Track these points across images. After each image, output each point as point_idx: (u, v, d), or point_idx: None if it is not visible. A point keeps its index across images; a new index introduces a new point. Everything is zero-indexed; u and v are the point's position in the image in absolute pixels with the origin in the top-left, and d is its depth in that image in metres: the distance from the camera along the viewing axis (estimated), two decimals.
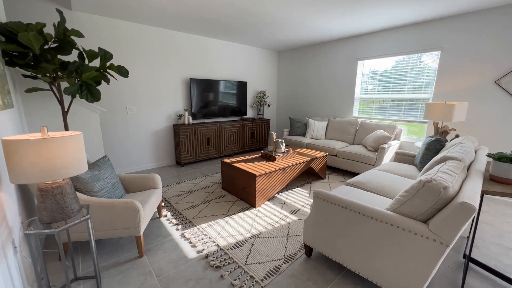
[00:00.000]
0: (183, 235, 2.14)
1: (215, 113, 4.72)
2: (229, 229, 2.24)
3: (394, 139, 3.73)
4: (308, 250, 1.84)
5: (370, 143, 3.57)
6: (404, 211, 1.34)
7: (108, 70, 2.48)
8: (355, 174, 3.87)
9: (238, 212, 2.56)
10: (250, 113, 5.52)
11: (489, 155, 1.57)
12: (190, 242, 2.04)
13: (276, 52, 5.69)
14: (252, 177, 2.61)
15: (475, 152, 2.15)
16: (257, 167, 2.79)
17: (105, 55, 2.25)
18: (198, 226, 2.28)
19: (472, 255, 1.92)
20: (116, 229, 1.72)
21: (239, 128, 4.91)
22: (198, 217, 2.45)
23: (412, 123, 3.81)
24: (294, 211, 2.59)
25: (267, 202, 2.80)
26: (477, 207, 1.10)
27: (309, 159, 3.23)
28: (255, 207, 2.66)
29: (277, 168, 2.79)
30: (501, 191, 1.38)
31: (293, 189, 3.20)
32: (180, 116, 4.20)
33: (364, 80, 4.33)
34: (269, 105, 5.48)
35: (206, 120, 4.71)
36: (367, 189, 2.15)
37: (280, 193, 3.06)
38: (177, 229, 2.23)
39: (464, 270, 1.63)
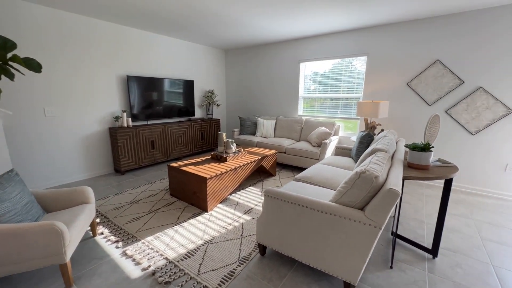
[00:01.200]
0: (124, 253, 1.89)
1: (160, 113, 4.36)
2: (179, 238, 2.08)
3: (334, 135, 4.11)
4: (262, 249, 1.85)
5: (314, 139, 3.85)
6: (345, 201, 1.47)
7: (10, 63, 1.99)
8: (303, 169, 4.12)
9: (189, 219, 2.41)
10: (198, 113, 5.30)
11: (406, 146, 1.86)
12: (134, 260, 1.81)
13: (223, 51, 5.61)
14: (202, 180, 2.50)
15: (396, 143, 2.52)
16: (207, 170, 2.68)
17: (5, 44, 1.79)
18: (143, 240, 2.05)
19: (398, 232, 2.25)
20: (31, 259, 1.39)
21: (188, 129, 4.66)
22: (142, 230, 2.21)
23: (348, 120, 4.27)
24: (248, 211, 2.59)
25: (219, 205, 2.72)
26: (400, 192, 1.28)
27: (260, 157, 3.28)
28: (207, 211, 2.55)
29: (228, 169, 2.73)
30: (416, 175, 1.65)
31: (246, 189, 3.20)
32: (117, 118, 3.73)
33: (307, 80, 4.64)
34: (218, 105, 5.37)
35: (150, 122, 4.31)
36: (314, 183, 2.30)
37: (233, 194, 3.02)
38: (117, 247, 1.96)
39: (393, 245, 1.90)
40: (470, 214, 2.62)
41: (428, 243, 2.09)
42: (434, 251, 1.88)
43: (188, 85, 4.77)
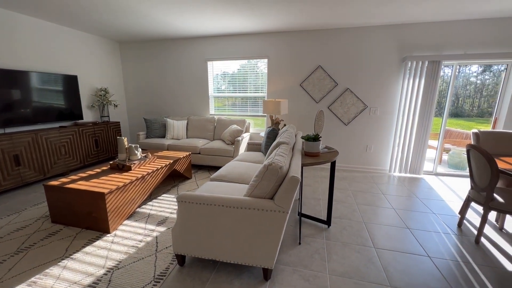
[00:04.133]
0: None
1: (28, 118, 3.30)
2: (70, 275, 1.65)
3: (245, 132, 4.34)
4: (181, 259, 1.73)
5: (227, 137, 3.93)
6: (257, 193, 1.57)
7: None
8: (219, 167, 4.14)
9: (84, 247, 1.95)
10: (89, 116, 4.36)
11: (302, 138, 2.18)
12: None
13: (116, 43, 4.82)
14: (99, 197, 2.07)
15: (295, 136, 2.92)
16: (106, 183, 2.25)
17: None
18: None
19: (302, 211, 2.63)
20: None
21: (74, 136, 3.75)
22: (6, 279, 1.61)
23: (256, 117, 4.60)
24: (162, 222, 2.35)
25: (126, 222, 2.35)
26: (300, 177, 1.48)
27: (172, 161, 3.05)
28: (109, 233, 2.14)
29: (134, 178, 2.39)
30: (311, 162, 1.96)
31: (159, 197, 2.91)
32: None
33: (218, 80, 4.66)
34: (115, 105, 4.59)
35: (10, 130, 3.19)
36: (229, 180, 2.34)
37: (143, 206, 2.68)
38: None
39: (299, 224, 2.20)
40: (349, 186, 3.38)
41: (324, 215, 2.54)
42: (328, 221, 2.31)
43: (71, 82, 3.83)
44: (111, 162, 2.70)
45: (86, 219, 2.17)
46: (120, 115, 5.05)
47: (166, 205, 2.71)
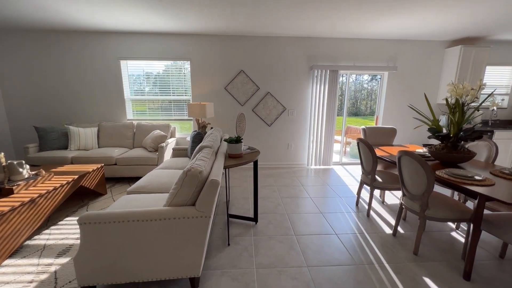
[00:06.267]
0: None
1: None
2: None
3: (170, 137, 4.08)
4: None
5: (150, 143, 3.61)
6: (177, 201, 1.50)
7: None
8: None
9: None
10: None
11: (225, 140, 2.22)
12: None
13: None
14: None
15: (221, 139, 2.95)
16: None
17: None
18: None
19: (230, 212, 2.68)
20: None
21: None
22: None
23: (182, 121, 4.41)
24: (64, 251, 1.95)
25: (8, 261, 1.83)
26: (220, 180, 1.51)
27: (78, 176, 2.56)
28: None
29: (18, 204, 1.89)
30: (234, 163, 2.02)
31: (60, 222, 2.39)
32: None
33: (140, 81, 4.21)
34: None
35: None
36: (150, 191, 2.16)
37: (36, 236, 2.15)
38: None
39: (227, 225, 2.23)
40: (275, 182, 3.67)
41: (251, 213, 2.67)
42: (255, 218, 2.43)
43: None
44: None
45: None
46: None
47: (70, 230, 2.26)
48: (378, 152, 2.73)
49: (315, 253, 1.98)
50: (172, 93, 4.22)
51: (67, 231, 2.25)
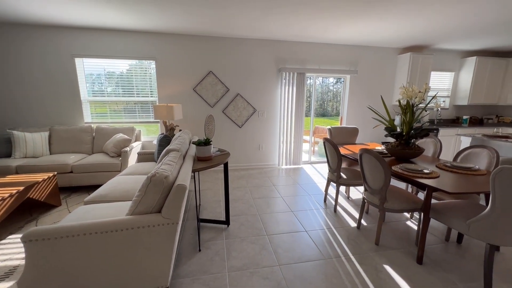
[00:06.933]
0: None
1: None
2: None
3: (135, 141, 3.84)
4: None
5: (111, 148, 3.35)
6: (141, 209, 1.41)
7: None
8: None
9: None
10: None
11: (193, 143, 2.16)
12: None
13: None
14: None
15: (190, 141, 2.86)
16: None
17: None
18: None
19: (201, 216, 2.61)
20: None
21: None
22: None
23: (149, 124, 4.18)
24: (7, 274, 1.70)
25: None
26: (188, 185, 1.45)
27: (23, 188, 2.27)
28: None
29: None
30: (203, 166, 1.97)
31: (1, 241, 2.09)
32: None
33: (101, 81, 3.87)
34: None
35: None
36: (111, 200, 2.00)
37: None
38: None
39: (198, 230, 2.17)
40: (247, 183, 3.67)
41: (223, 216, 2.63)
42: (227, 221, 2.40)
43: None
44: None
45: None
46: None
47: (15, 249, 1.99)
48: (343, 151, 2.89)
49: (286, 251, 2.02)
50: (137, 94, 3.98)
51: (11, 250, 1.97)
